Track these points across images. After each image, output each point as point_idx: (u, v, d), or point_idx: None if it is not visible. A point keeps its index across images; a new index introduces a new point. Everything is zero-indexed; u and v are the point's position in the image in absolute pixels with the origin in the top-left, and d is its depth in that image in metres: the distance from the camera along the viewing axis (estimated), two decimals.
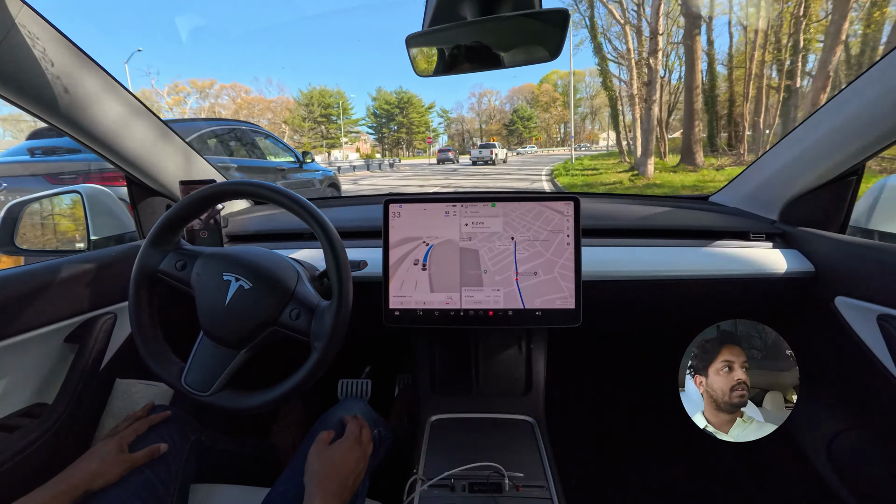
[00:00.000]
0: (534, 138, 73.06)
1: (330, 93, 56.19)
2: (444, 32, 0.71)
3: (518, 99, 79.00)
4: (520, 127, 75.51)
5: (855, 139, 0.82)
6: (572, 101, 10.62)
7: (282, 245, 1.08)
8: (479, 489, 0.75)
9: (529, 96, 79.35)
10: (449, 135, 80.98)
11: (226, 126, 4.22)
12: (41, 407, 0.79)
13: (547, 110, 77.38)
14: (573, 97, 33.88)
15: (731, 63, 15.16)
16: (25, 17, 0.66)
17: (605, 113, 73.41)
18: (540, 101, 77.08)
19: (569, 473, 1.11)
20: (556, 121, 77.80)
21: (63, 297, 0.82)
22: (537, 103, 77.36)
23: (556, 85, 77.09)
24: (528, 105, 78.58)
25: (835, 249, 0.89)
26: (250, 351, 0.68)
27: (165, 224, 0.70)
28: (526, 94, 79.40)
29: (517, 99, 79.03)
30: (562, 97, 75.23)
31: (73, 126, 0.82)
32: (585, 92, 77.81)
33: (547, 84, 77.30)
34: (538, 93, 77.27)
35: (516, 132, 75.57)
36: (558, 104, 75.87)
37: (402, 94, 67.76)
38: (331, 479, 0.63)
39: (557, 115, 76.48)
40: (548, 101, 76.73)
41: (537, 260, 0.86)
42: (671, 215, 1.12)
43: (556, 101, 76.47)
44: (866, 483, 0.89)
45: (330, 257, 0.66)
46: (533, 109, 76.76)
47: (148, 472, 0.68)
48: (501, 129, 77.38)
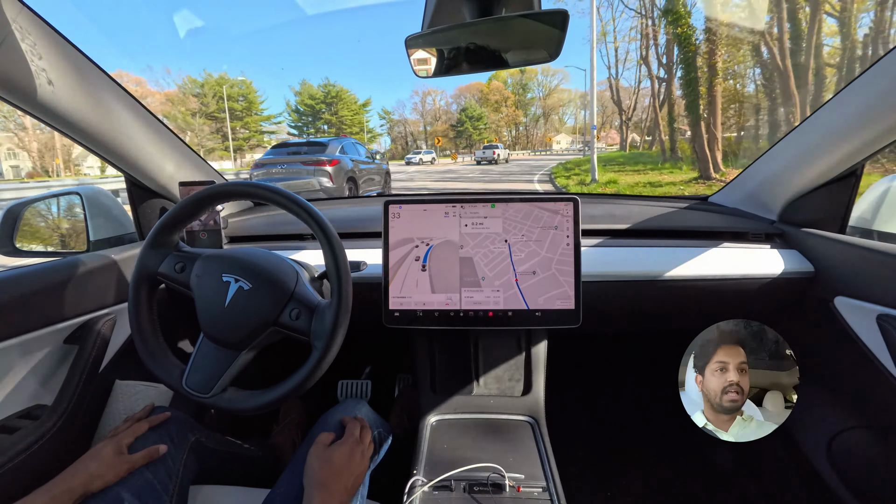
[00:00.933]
0: (485, 140, 58.76)
1: (231, 81, 44.40)
2: (444, 33, 0.72)
3: (466, 98, 69.51)
4: (469, 128, 64.80)
5: (853, 139, 0.82)
6: (594, 96, 10.09)
7: (281, 246, 1.08)
8: (480, 490, 0.75)
9: (478, 95, 69.60)
10: (392, 137, 71.49)
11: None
12: (41, 408, 0.79)
13: (497, 110, 70.00)
14: (596, 93, 31.98)
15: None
16: (24, 19, 0.66)
17: (561, 114, 74.74)
18: (489, 101, 68.70)
19: (569, 474, 1.10)
20: (507, 122, 71.22)
21: (62, 299, 0.81)
22: (487, 102, 69.02)
23: (506, 83, 69.83)
24: (477, 104, 68.69)
25: (834, 250, 0.89)
26: (251, 352, 0.68)
27: (164, 226, 0.70)
28: (474, 93, 69.81)
29: (465, 98, 69.79)
30: (513, 95, 69.74)
31: (72, 127, 0.82)
32: (538, 92, 71.63)
33: (497, 82, 69.53)
34: (487, 91, 68.67)
35: (465, 133, 64.93)
36: (509, 103, 69.76)
37: (329, 88, 54.54)
38: (330, 479, 0.63)
39: (509, 116, 70.34)
40: (498, 101, 69.21)
41: (536, 260, 0.86)
42: (670, 216, 1.12)
43: (507, 99, 69.66)
44: (866, 482, 0.89)
45: (329, 258, 0.66)
46: (483, 109, 67.55)
47: (147, 474, 0.68)
48: (448, 130, 67.46)
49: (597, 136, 19.02)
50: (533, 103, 73.07)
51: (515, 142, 71.87)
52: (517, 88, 72.27)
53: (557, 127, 75.54)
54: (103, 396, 0.89)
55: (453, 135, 66.71)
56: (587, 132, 14.09)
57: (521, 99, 72.08)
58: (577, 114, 75.53)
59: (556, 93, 72.78)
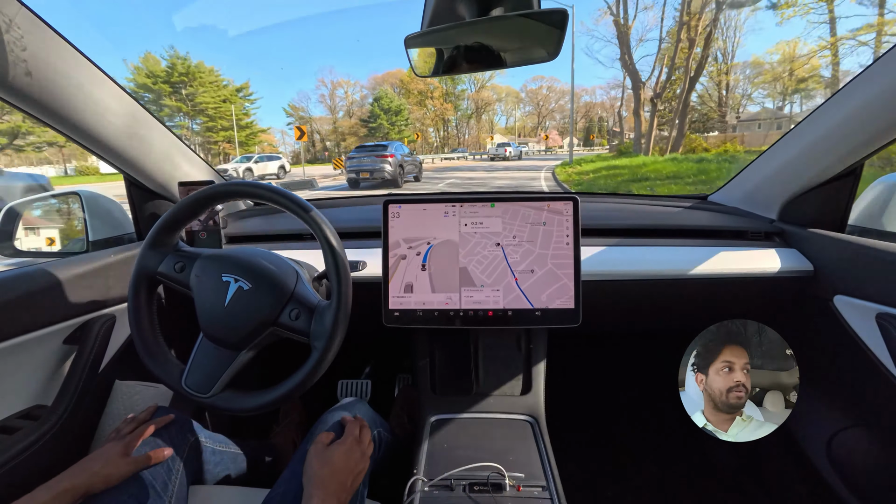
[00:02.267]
0: (406, 140, 45.49)
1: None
2: (443, 33, 0.71)
3: (384, 89, 54.28)
4: (384, 123, 49.50)
5: (853, 138, 0.82)
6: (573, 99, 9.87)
7: (281, 246, 1.08)
8: (480, 489, 0.75)
9: (397, 84, 55.60)
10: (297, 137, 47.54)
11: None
12: (40, 409, 0.79)
13: (422, 104, 56.17)
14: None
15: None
16: (23, 19, 0.66)
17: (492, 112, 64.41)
18: (412, 91, 55.13)
19: (569, 473, 1.10)
20: (434, 118, 57.66)
21: (62, 299, 0.81)
22: (409, 94, 55.33)
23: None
24: (396, 94, 54.00)
25: (833, 248, 0.89)
26: (250, 352, 0.68)
27: (164, 226, 0.70)
28: (393, 82, 55.89)
29: (384, 89, 54.88)
30: (440, 86, 56.24)
31: (71, 127, 0.82)
32: (469, 85, 58.88)
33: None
34: (408, 80, 53.69)
35: (379, 130, 49.37)
36: (436, 95, 56.44)
37: (177, 61, 35.41)
38: (329, 479, 0.63)
39: (437, 111, 57.45)
40: (423, 92, 55.20)
41: (535, 259, 0.86)
42: (670, 215, 1.12)
43: (433, 91, 55.89)
44: (865, 481, 0.89)
45: (329, 257, 0.66)
46: (402, 100, 53.55)
47: (147, 474, 0.68)
48: (358, 126, 52.28)
49: (543, 138, 21.52)
50: (464, 97, 61.41)
51: (444, 142, 59.72)
52: (445, 78, 62.54)
53: (489, 127, 65.71)
54: (103, 396, 0.89)
55: (364, 133, 50.79)
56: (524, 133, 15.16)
57: (449, 91, 59.82)
58: (514, 112, 69.83)
59: (487, 90, 62.99)
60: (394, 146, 12.74)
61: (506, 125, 71.74)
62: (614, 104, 75.53)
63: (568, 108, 70.06)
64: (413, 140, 51.01)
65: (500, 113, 70.40)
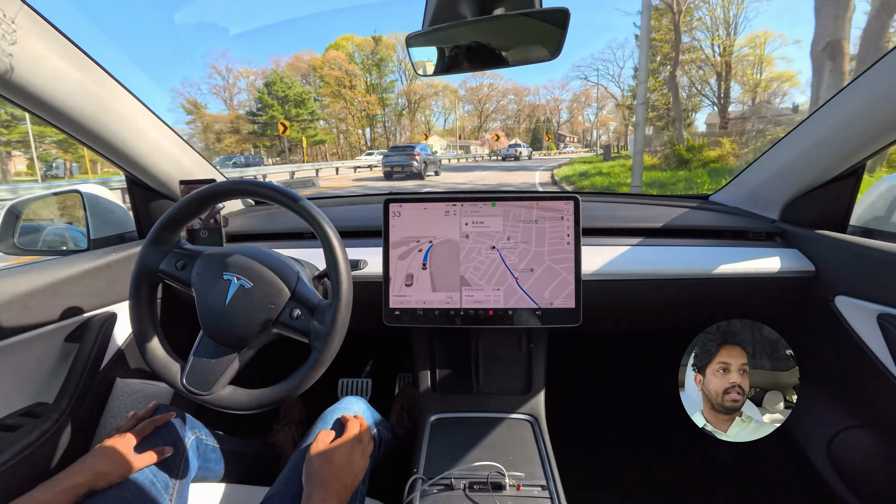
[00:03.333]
0: (307, 140, 37.28)
1: None
2: (444, 32, 0.71)
3: (291, 77, 41.23)
4: (277, 115, 36.56)
5: (854, 138, 0.82)
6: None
7: (282, 244, 1.08)
8: (480, 488, 0.75)
9: (306, 69, 43.68)
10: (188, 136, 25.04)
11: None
12: (42, 406, 0.79)
13: (338, 95, 43.77)
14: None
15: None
16: (24, 17, 0.66)
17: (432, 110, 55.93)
18: (325, 79, 42.65)
19: (569, 473, 1.10)
20: (355, 114, 45.56)
21: (63, 297, 0.82)
22: (323, 82, 43.57)
23: (351, 55, 44.21)
24: (300, 81, 41.19)
25: (835, 249, 0.89)
26: (251, 350, 0.68)
27: (165, 223, 0.70)
28: (302, 69, 43.76)
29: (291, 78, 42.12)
30: (362, 73, 45.50)
31: (71, 125, 0.82)
32: (399, 76, 48.20)
33: (336, 52, 43.33)
34: (321, 65, 42.76)
35: (271, 126, 36.38)
36: (356, 84, 44.65)
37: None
38: (329, 478, 0.63)
39: (357, 105, 45.55)
40: (339, 79, 43.14)
41: (535, 258, 0.86)
42: (671, 215, 1.12)
43: (351, 78, 43.45)
44: (866, 482, 0.89)
45: (330, 256, 0.66)
46: (307, 88, 41.57)
47: (149, 471, 0.68)
48: (241, 121, 39.61)
49: (494, 138, 22.47)
50: (392, 89, 49.59)
51: (373, 144, 48.12)
52: (369, 65, 46.38)
53: (425, 127, 56.21)
54: (104, 394, 0.90)
55: (250, 129, 38.25)
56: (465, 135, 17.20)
57: (374, 84, 47.98)
58: (452, 111, 63.19)
59: (421, 83, 52.53)
60: (419, 147, 16.97)
61: (444, 126, 64.53)
62: (559, 105, 73.11)
63: (510, 108, 68.29)
64: (319, 141, 40.10)
65: (437, 112, 62.61)
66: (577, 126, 76.24)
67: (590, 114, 73.90)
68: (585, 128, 76.67)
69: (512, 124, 71.62)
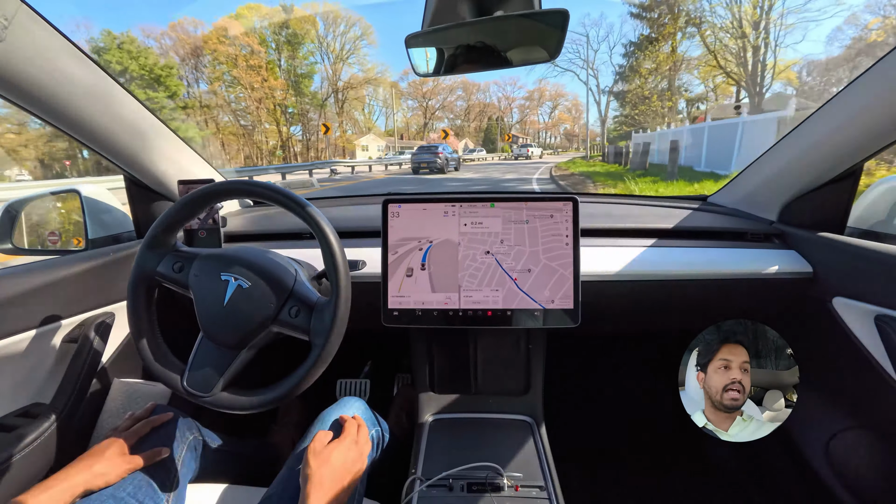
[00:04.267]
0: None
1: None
2: (444, 32, 0.71)
3: (141, 45, 28.32)
4: None
5: (853, 140, 0.82)
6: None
7: (280, 245, 1.08)
8: (478, 489, 0.75)
9: (188, 48, 33.19)
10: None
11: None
12: (39, 406, 0.79)
13: (236, 83, 33.59)
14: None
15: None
16: (23, 16, 0.66)
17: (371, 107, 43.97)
18: (219, 55, 33.10)
19: (567, 474, 1.11)
20: (265, 101, 34.89)
21: (61, 297, 0.81)
22: (218, 64, 33.40)
23: (261, 34, 34.30)
24: (155, 52, 30.85)
25: (833, 250, 0.90)
26: (250, 351, 0.68)
27: (162, 226, 0.70)
28: (184, 46, 33.11)
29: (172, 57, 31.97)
30: (264, 50, 34.19)
31: (70, 124, 0.82)
32: (320, 59, 38.11)
33: (236, 22, 33.27)
34: (216, 42, 32.68)
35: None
36: (259, 64, 34.00)
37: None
38: (327, 478, 0.63)
39: (261, 92, 34.35)
40: (235, 57, 33.24)
41: (533, 260, 0.86)
42: (669, 216, 1.12)
43: (256, 56, 33.56)
44: (864, 483, 0.89)
45: (328, 256, 0.66)
46: (169, 62, 30.20)
47: (146, 472, 0.68)
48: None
49: (441, 136, 24.14)
50: (313, 76, 38.45)
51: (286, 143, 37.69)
52: (280, 42, 35.77)
53: (365, 127, 47.83)
54: (102, 395, 0.89)
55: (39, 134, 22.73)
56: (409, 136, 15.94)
57: (293, 67, 36.89)
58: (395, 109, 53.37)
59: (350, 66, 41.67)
60: (442, 147, 19.62)
61: (385, 127, 53.77)
62: (511, 103, 70.05)
63: (458, 105, 63.36)
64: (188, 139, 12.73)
65: (378, 110, 52.76)
66: (531, 126, 73.95)
67: (544, 113, 71.42)
68: (539, 128, 74.60)
69: (461, 123, 67.48)
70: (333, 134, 42.05)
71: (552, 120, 73.31)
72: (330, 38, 40.97)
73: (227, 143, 34.99)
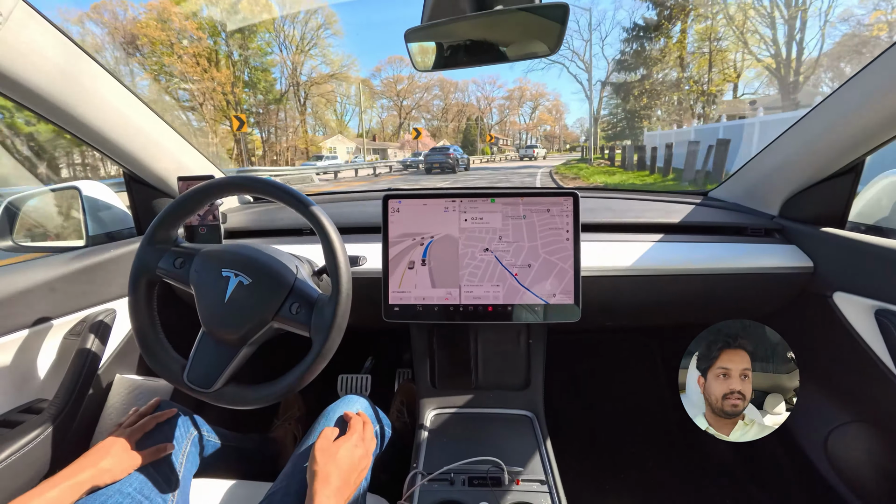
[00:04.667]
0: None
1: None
2: (443, 27, 0.71)
3: (102, 42, 25.20)
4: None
5: (854, 134, 0.82)
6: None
7: (281, 241, 1.08)
8: (479, 483, 0.76)
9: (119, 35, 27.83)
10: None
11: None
12: (42, 402, 0.79)
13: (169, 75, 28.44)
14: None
15: None
16: (21, 12, 0.66)
17: (344, 108, 38.21)
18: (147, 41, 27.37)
19: (567, 468, 1.12)
20: (216, 97, 29.56)
21: (62, 293, 0.82)
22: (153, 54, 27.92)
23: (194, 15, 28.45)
24: (106, 48, 25.93)
25: (833, 245, 0.89)
26: (251, 346, 0.69)
27: (162, 222, 0.70)
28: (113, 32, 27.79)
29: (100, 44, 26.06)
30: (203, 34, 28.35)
31: (69, 122, 0.82)
32: (279, 49, 32.93)
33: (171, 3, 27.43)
34: (146, 28, 27.26)
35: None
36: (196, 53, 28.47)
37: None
38: (334, 475, 0.63)
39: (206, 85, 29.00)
40: (168, 44, 28.07)
41: (533, 254, 0.86)
42: (670, 211, 1.12)
43: (197, 43, 28.62)
44: (863, 477, 0.89)
45: (328, 252, 0.66)
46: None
47: (151, 467, 0.68)
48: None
49: (412, 135, 22.97)
50: (271, 69, 33.65)
51: (250, 158, 31.50)
52: (231, 32, 30.43)
53: (337, 127, 43.15)
54: (104, 391, 0.90)
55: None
56: (383, 137, 13.86)
57: (247, 55, 32.20)
58: (368, 109, 49.71)
59: (313, 58, 36.27)
60: (452, 148, 21.66)
61: (359, 129, 47.80)
62: (491, 103, 67.38)
63: (434, 104, 60.01)
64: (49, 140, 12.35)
65: (350, 110, 47.09)
66: (511, 127, 71.88)
67: (524, 114, 69.07)
68: (519, 128, 72.68)
69: (438, 123, 64.64)
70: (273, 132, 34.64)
71: (533, 121, 71.83)
72: (288, 27, 34.67)
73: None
